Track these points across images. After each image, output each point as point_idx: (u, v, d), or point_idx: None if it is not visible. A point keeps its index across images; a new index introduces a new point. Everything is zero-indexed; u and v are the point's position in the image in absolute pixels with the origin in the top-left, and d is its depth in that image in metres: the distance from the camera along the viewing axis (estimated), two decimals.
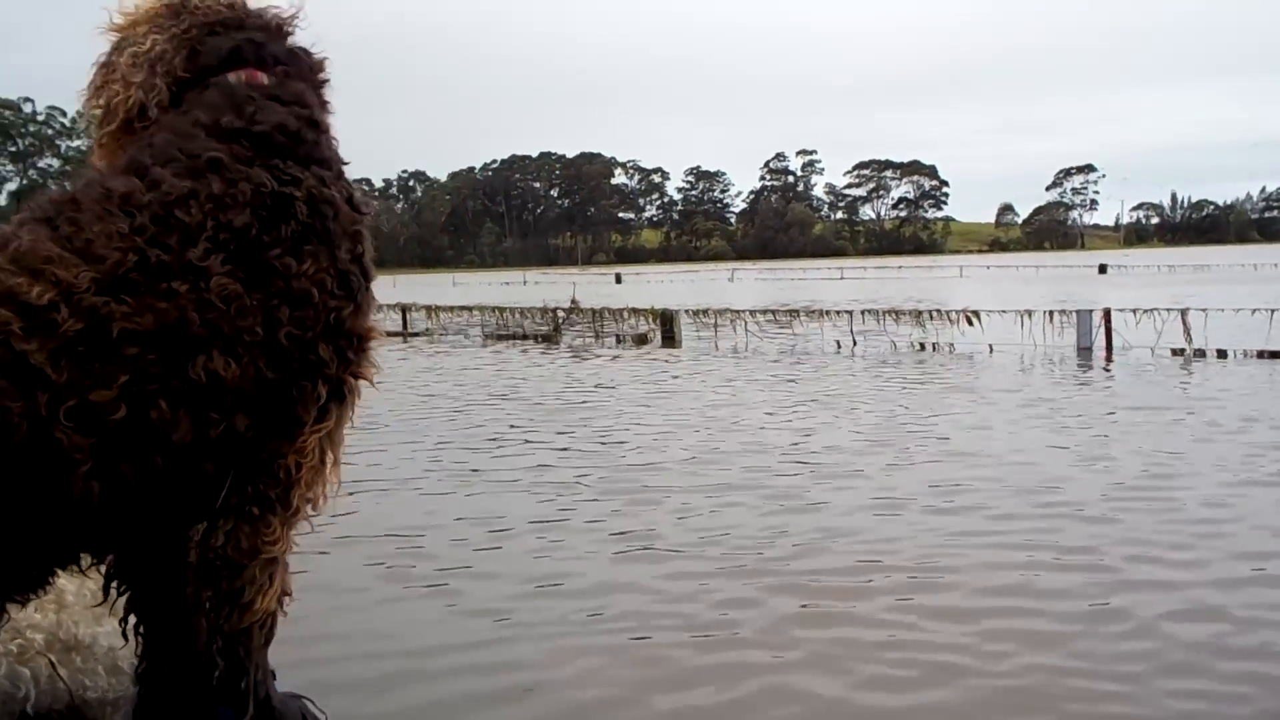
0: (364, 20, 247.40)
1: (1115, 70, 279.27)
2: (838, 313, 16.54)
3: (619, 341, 18.13)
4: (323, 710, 2.62)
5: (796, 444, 7.76)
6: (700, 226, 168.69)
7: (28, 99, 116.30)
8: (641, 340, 17.90)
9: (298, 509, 2.21)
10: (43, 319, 1.78)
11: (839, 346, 15.58)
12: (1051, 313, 14.75)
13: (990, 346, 14.28)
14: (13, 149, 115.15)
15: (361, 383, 2.27)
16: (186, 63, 2.26)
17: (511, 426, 9.11)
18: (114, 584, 2.28)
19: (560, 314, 20.09)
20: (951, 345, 14.74)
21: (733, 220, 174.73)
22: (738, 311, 17.75)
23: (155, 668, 2.30)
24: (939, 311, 15.25)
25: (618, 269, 77.76)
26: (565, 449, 7.93)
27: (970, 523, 5.30)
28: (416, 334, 21.68)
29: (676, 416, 9.35)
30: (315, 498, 2.24)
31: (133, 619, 2.31)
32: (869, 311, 16.03)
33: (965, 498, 5.85)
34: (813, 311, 17.31)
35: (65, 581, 2.48)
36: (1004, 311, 15.18)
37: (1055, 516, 5.38)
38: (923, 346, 14.88)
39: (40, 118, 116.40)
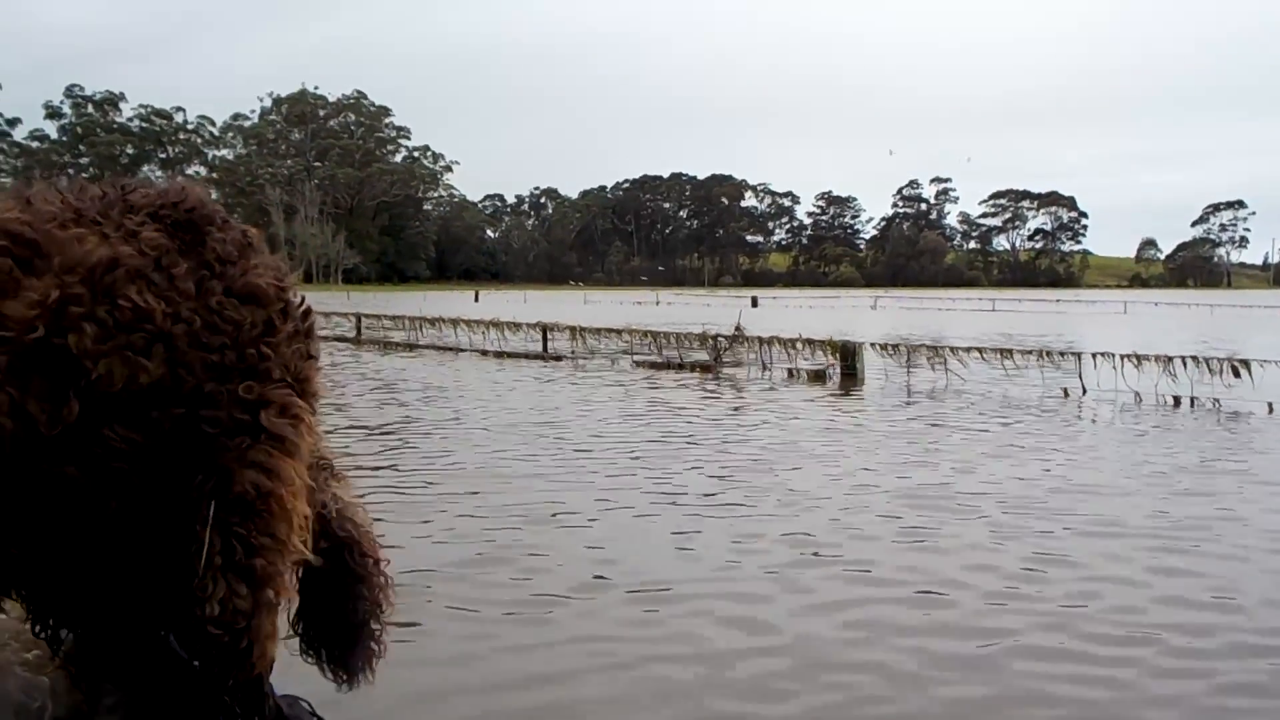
0: (501, 39, 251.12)
1: (1266, 100, 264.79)
2: (1061, 354, 13.96)
3: (791, 376, 15.85)
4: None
5: None
6: (829, 252, 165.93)
7: (179, 108, 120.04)
8: (818, 377, 15.58)
9: (284, 551, 1.44)
10: None
11: (1066, 394, 13.04)
12: None
13: (1270, 405, 11.59)
14: (163, 155, 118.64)
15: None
16: None
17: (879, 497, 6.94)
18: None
19: (722, 342, 17.90)
20: (1216, 401, 12.04)
21: (862, 246, 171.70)
22: (935, 348, 15.29)
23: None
24: (1196, 359, 12.56)
25: (752, 292, 75.32)
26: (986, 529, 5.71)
27: None
28: (559, 357, 19.73)
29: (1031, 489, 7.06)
30: (296, 533, 1.48)
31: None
32: (1103, 354, 13.41)
33: None
34: (1027, 352, 14.73)
35: None
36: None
37: None
38: (1177, 402, 12.21)
39: (190, 126, 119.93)
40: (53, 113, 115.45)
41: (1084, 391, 13.16)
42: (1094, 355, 13.49)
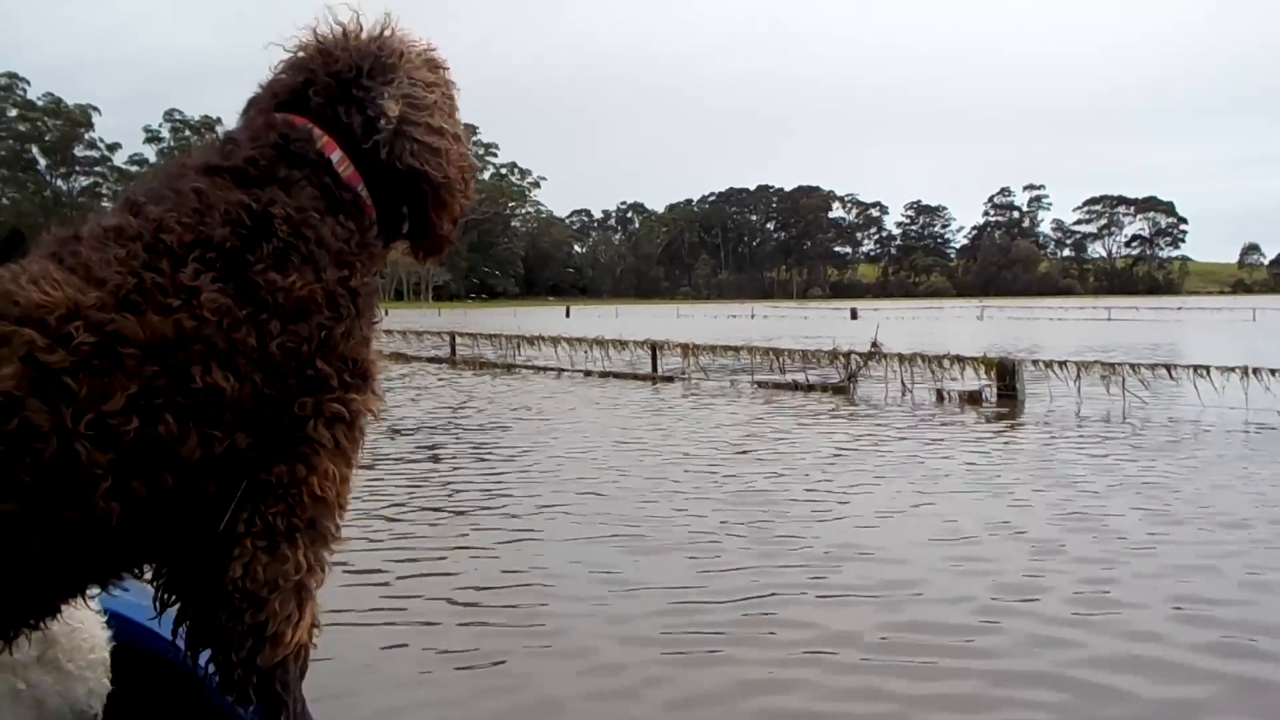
0: (585, 55, 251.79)
1: None
2: (1272, 372, 11.97)
3: (941, 399, 14.06)
4: None
5: None
6: (920, 262, 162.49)
7: None
8: (974, 399, 13.78)
9: (322, 537, 2.01)
10: (60, 332, 1.77)
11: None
12: None
13: None
14: None
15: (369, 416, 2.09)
16: None
17: None
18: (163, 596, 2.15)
19: (856, 360, 16.16)
20: None
21: (953, 256, 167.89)
22: (1112, 365, 13.38)
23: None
24: None
25: (850, 304, 73.07)
26: None
27: None
28: (669, 378, 18.15)
29: None
30: (337, 525, 2.05)
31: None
32: None
33: None
34: (1228, 369, 12.70)
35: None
36: None
37: None
38: None
39: None
40: (152, 137, 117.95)
41: None
42: None
